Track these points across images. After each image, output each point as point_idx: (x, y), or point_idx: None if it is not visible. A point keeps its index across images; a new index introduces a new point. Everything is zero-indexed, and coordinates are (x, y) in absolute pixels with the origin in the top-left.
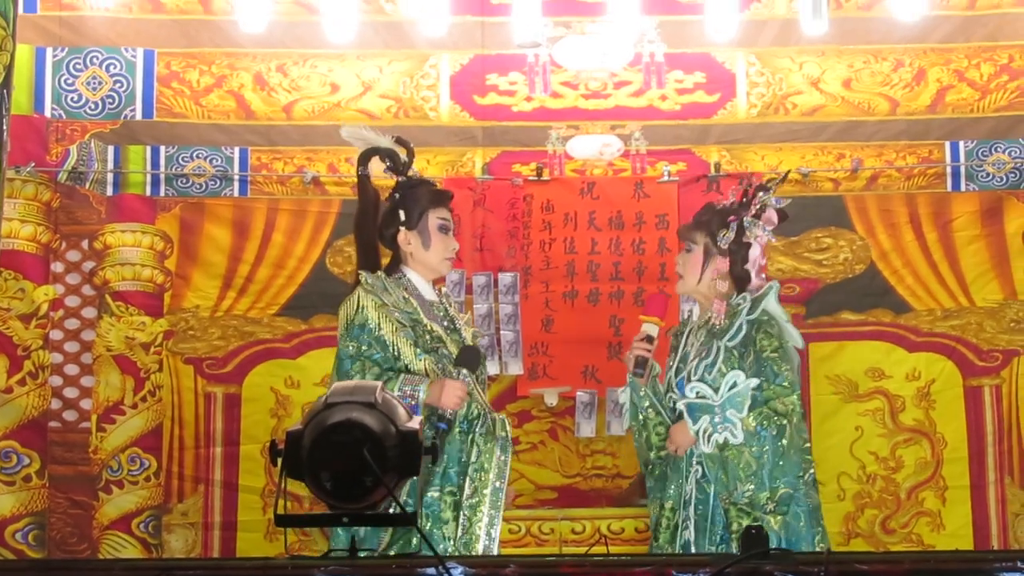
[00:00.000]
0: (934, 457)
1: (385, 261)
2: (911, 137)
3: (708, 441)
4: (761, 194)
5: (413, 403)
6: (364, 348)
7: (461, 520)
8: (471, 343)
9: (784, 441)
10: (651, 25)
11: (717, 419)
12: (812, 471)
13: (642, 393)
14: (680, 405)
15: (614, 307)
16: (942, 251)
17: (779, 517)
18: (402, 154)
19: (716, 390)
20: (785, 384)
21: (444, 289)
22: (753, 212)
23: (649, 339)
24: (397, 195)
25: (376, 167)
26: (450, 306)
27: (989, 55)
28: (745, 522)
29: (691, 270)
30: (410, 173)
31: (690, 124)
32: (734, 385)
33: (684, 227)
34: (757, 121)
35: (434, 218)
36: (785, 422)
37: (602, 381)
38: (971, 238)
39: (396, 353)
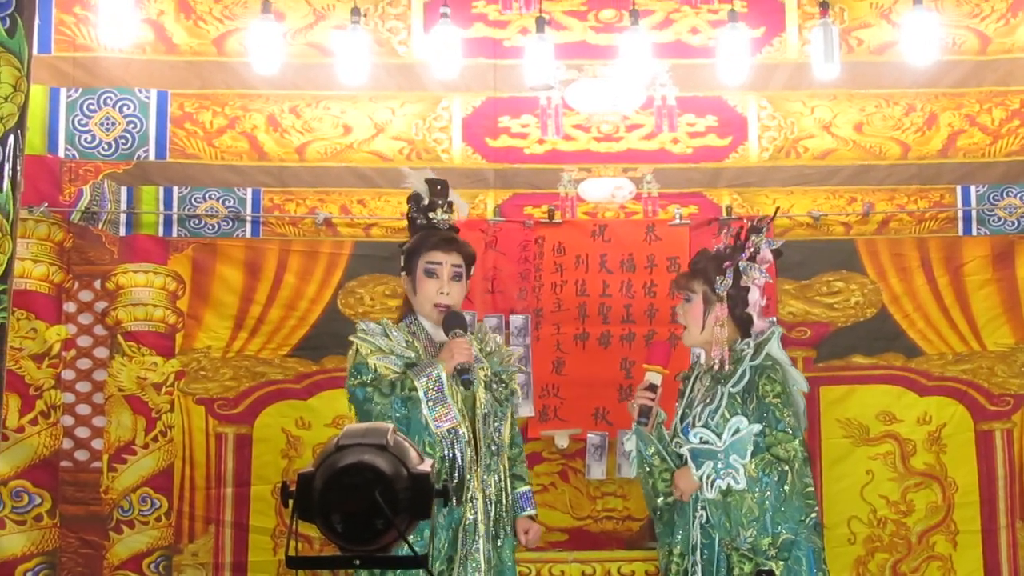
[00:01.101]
0: (945, 501)
1: None
2: (922, 181)
3: (711, 487)
4: (754, 236)
5: (439, 386)
6: (369, 378)
7: None
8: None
9: (786, 487)
10: (663, 69)
11: (720, 465)
12: (814, 515)
13: (647, 441)
14: (684, 451)
15: (625, 350)
16: (953, 295)
17: (781, 563)
18: (424, 193)
19: (719, 435)
20: (787, 430)
21: (485, 326)
22: (747, 255)
23: (652, 388)
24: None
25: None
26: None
27: (1001, 100)
28: (747, 567)
29: (693, 320)
30: (440, 215)
31: (702, 167)
32: (737, 431)
33: (681, 277)
34: (769, 164)
35: (423, 262)
36: (787, 468)
37: (613, 423)
38: (982, 282)
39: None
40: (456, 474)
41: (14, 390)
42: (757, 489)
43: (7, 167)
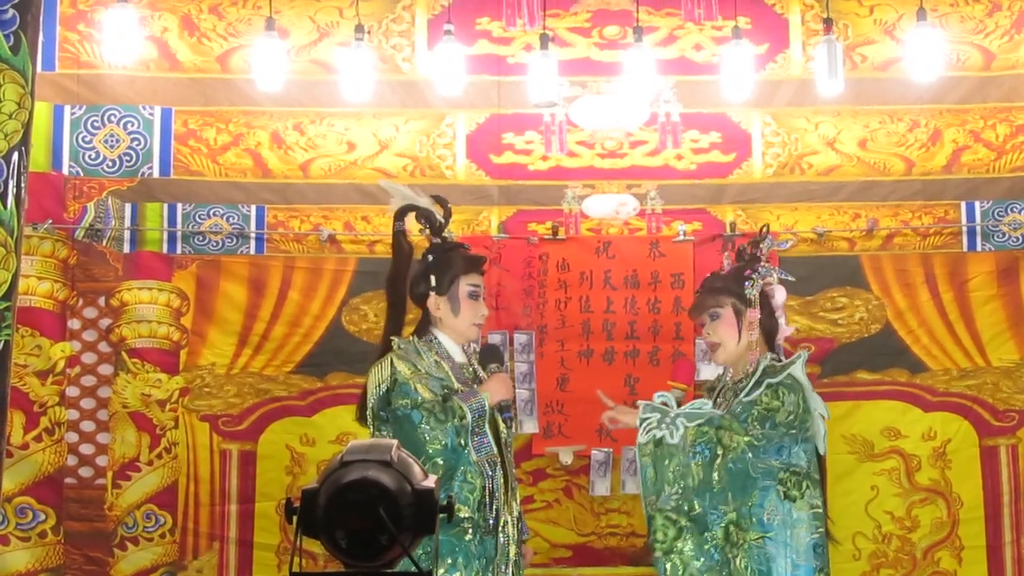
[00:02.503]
0: (950, 517)
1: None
2: (927, 197)
3: (646, 433)
4: (763, 244)
5: (483, 415)
6: (420, 400)
7: None
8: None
9: (715, 473)
10: (667, 85)
11: (667, 420)
12: (817, 536)
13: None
14: (639, 402)
15: (629, 366)
16: (958, 311)
17: (696, 535)
18: (439, 213)
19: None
20: (745, 429)
21: (474, 346)
22: (764, 261)
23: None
24: (430, 257)
25: (411, 225)
26: (479, 367)
27: (1005, 115)
28: (671, 532)
29: (727, 333)
30: (445, 233)
31: (706, 184)
32: (699, 407)
33: (701, 302)
34: (773, 181)
35: (465, 285)
36: (721, 452)
37: (617, 440)
38: (987, 298)
39: None
40: (493, 504)
41: (18, 407)
42: (691, 459)
43: (11, 184)
